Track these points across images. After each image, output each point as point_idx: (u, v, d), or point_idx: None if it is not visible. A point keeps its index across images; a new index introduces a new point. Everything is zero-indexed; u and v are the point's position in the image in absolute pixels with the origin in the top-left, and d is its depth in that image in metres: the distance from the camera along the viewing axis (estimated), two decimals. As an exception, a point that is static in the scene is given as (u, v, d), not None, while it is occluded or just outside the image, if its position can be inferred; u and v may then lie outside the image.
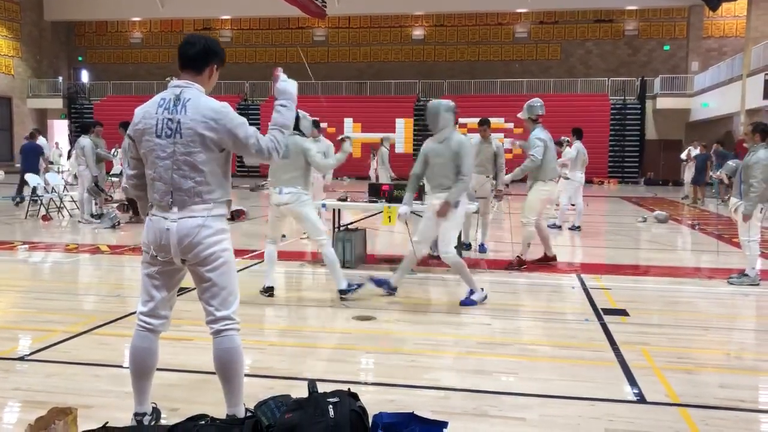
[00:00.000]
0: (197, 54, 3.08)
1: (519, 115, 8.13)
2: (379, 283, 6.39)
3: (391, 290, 6.35)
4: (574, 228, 11.55)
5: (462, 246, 8.65)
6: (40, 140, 16.68)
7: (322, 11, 27.37)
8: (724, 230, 11.67)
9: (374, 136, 30.61)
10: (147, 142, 3.02)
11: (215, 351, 3.12)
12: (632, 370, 4.28)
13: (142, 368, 3.16)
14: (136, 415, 3.19)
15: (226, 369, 3.12)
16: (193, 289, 3.25)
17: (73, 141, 28.47)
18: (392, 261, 8.32)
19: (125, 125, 11.45)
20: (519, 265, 7.88)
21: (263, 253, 6.60)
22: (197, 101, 3.00)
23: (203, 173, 3.00)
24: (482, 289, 6.13)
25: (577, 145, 11.82)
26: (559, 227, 11.65)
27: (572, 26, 34.23)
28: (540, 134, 7.77)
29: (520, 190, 9.37)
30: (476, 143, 9.34)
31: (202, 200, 3.02)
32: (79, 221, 11.94)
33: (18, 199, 14.74)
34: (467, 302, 6.02)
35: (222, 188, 3.08)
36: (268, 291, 6.28)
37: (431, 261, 8.43)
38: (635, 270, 7.71)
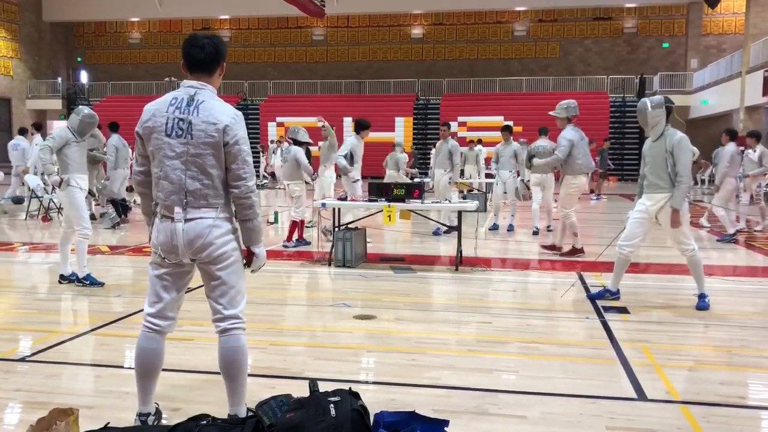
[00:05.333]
0: (208, 57, 3.07)
1: (554, 113, 8.47)
2: (600, 296, 6.17)
3: (616, 296, 6.13)
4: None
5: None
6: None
7: (321, 10, 27.37)
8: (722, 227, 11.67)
9: (374, 136, 30.65)
10: (156, 140, 3.02)
11: (221, 350, 3.12)
12: (633, 367, 4.28)
13: (148, 369, 3.16)
14: (140, 415, 3.19)
15: (231, 368, 3.12)
16: (195, 289, 3.26)
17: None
18: (392, 260, 8.33)
19: (114, 127, 11.54)
20: (572, 253, 8.50)
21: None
22: (211, 104, 3.01)
23: (211, 176, 3.01)
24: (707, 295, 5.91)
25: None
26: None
27: (571, 24, 34.23)
28: (567, 134, 8.25)
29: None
30: (439, 143, 10.72)
31: (208, 203, 3.02)
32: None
33: None
34: (702, 305, 5.85)
35: (228, 193, 3.08)
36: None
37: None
38: (635, 267, 7.70)
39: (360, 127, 9.77)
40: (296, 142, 9.44)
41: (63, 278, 6.77)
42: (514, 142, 11.70)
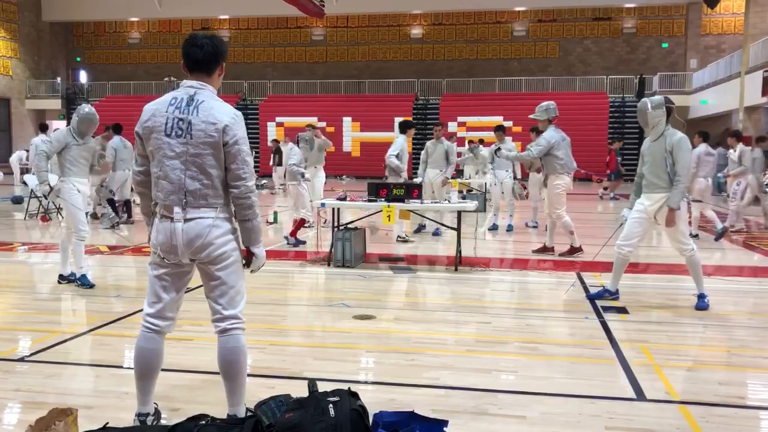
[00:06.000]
0: (207, 57, 3.06)
1: (534, 116, 8.63)
2: (599, 296, 6.18)
3: (615, 296, 6.14)
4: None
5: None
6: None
7: (321, 11, 27.34)
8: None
9: (373, 136, 30.68)
10: (155, 140, 3.02)
11: (220, 350, 3.12)
12: (632, 367, 4.28)
13: (147, 369, 3.16)
14: (138, 415, 3.19)
15: (231, 368, 3.12)
16: (194, 289, 3.26)
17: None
18: (391, 260, 8.34)
19: (117, 128, 11.55)
20: (572, 252, 8.54)
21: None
22: (211, 104, 3.01)
23: (211, 176, 3.01)
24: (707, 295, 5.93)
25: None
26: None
27: (570, 24, 34.23)
28: (547, 135, 8.41)
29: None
30: (430, 143, 10.61)
31: (207, 203, 3.03)
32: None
33: None
34: (701, 305, 5.86)
35: (227, 193, 3.08)
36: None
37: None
38: (634, 267, 7.70)
39: (406, 126, 10.12)
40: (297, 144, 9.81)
41: (62, 278, 6.77)
42: (512, 143, 11.75)
